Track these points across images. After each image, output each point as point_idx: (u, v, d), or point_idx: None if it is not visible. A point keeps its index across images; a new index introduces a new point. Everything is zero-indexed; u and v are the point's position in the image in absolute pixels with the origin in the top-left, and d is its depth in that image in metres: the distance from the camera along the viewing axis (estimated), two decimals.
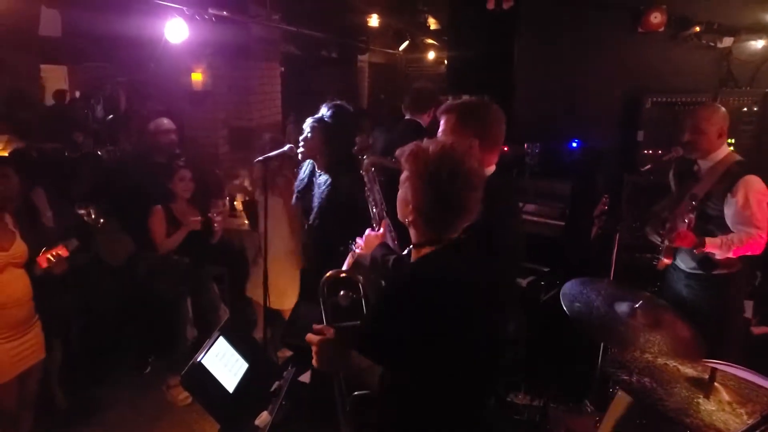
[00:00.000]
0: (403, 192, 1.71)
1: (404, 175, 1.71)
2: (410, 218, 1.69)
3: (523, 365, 3.26)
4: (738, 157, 3.08)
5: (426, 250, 1.71)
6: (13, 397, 2.94)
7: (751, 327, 3.60)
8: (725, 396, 1.76)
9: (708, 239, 2.89)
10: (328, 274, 2.05)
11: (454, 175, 1.59)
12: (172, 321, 3.97)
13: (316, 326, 1.75)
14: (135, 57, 6.56)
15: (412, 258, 1.78)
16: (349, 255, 2.44)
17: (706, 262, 3.02)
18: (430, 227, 1.68)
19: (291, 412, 2.41)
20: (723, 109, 3.09)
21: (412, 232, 1.75)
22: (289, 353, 4.25)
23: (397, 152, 1.74)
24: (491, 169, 2.24)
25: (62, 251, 2.95)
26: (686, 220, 2.87)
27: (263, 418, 2.31)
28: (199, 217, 3.88)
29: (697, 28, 4.12)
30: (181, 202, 3.87)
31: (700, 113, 3.07)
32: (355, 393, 1.78)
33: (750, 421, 1.57)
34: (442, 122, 2.25)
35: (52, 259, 2.92)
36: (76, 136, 6.52)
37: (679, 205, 3.10)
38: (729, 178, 2.96)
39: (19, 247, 2.90)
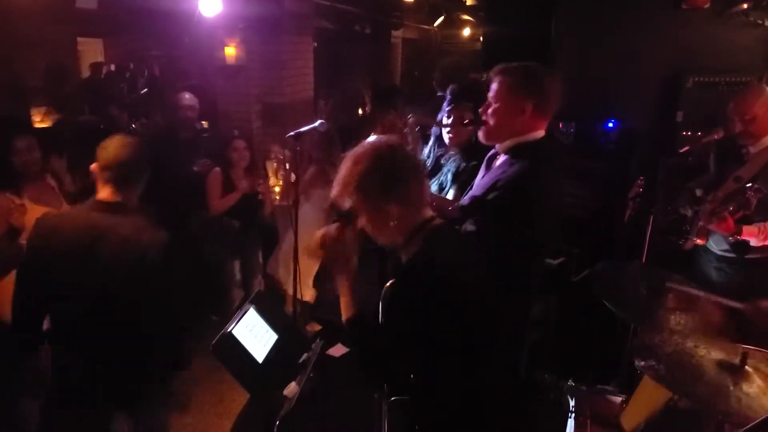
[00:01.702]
0: (368, 212, 1.67)
1: (356, 199, 1.65)
2: (395, 220, 1.66)
3: (551, 345, 3.25)
4: None
5: (416, 241, 1.68)
6: None
7: None
8: (757, 380, 1.73)
9: (745, 227, 2.79)
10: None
11: (391, 157, 1.66)
12: (217, 282, 4.08)
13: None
14: (169, 30, 6.61)
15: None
16: None
17: (739, 245, 2.93)
18: (410, 207, 1.68)
19: (318, 383, 2.45)
20: (767, 87, 2.98)
21: (401, 234, 1.70)
22: (317, 327, 4.33)
23: (334, 188, 1.70)
24: (540, 133, 2.21)
25: None
26: (749, 201, 2.65)
27: (291, 388, 2.35)
28: (250, 182, 4.00)
29: (745, 5, 3.95)
30: (238, 171, 3.99)
31: (744, 101, 2.95)
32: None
33: None
34: (495, 84, 2.19)
35: None
36: (111, 110, 6.64)
37: (720, 187, 3.01)
38: None
39: (66, 208, 3.04)
